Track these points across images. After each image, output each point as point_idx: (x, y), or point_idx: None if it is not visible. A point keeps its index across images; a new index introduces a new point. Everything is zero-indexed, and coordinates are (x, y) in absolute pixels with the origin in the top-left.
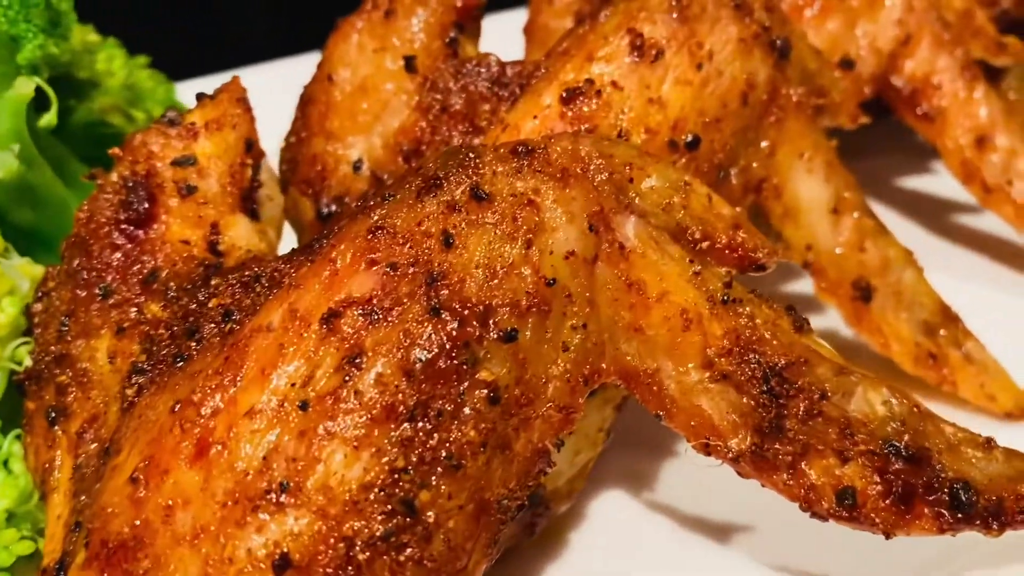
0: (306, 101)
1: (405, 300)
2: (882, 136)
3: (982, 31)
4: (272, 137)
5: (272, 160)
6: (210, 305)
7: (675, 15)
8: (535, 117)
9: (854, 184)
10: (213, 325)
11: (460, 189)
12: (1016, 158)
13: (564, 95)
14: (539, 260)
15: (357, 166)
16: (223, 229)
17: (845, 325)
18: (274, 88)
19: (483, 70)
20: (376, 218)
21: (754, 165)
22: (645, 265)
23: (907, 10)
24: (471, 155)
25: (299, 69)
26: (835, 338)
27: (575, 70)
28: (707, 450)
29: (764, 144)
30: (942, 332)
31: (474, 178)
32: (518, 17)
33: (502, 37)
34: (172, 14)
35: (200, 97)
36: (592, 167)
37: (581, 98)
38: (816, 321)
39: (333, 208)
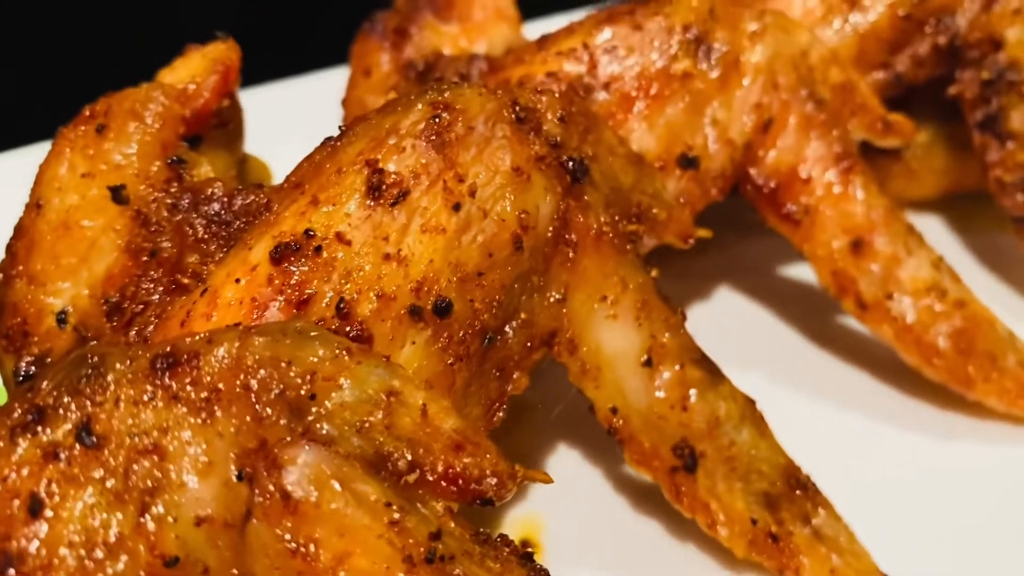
0: (17, 233)
1: None
2: None
3: (864, 107)
4: None
5: None
6: None
7: (430, 139)
8: (238, 280)
9: (677, 324)
10: None
11: (65, 427)
12: (898, 266)
13: (274, 252)
14: (157, 531)
15: (61, 319)
16: None
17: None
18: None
19: (203, 202)
20: None
21: (540, 318)
22: (320, 518)
23: (768, 89)
24: (95, 372)
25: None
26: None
27: (295, 216)
28: None
29: (553, 292)
30: (786, 505)
31: (88, 410)
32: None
33: None
34: None
35: None
36: (258, 382)
37: (294, 256)
38: None
39: (32, 370)
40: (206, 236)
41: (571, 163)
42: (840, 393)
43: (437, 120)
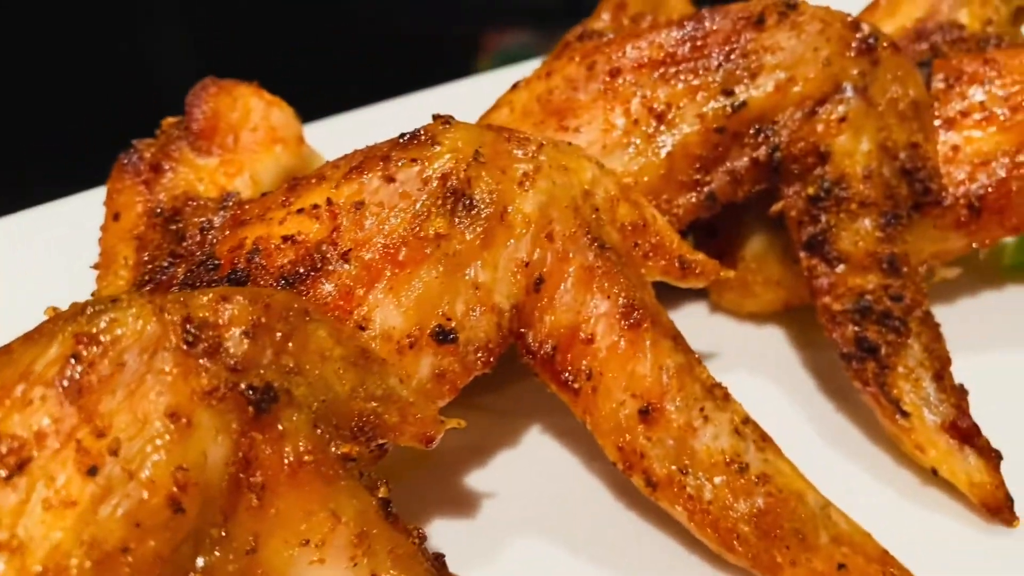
0: None
1: None
2: None
3: (660, 248)
4: None
5: None
6: None
7: (65, 386)
8: None
9: (409, 553)
10: None
11: None
12: (693, 436)
13: None
14: None
15: None
16: None
17: None
18: None
19: None
20: None
21: (229, 568)
22: None
23: (540, 242)
24: None
25: None
26: None
27: None
28: None
29: (240, 544)
30: None
31: None
32: None
33: None
34: None
35: None
36: None
37: None
38: None
39: None
40: None
41: (253, 391)
42: None
43: (77, 360)
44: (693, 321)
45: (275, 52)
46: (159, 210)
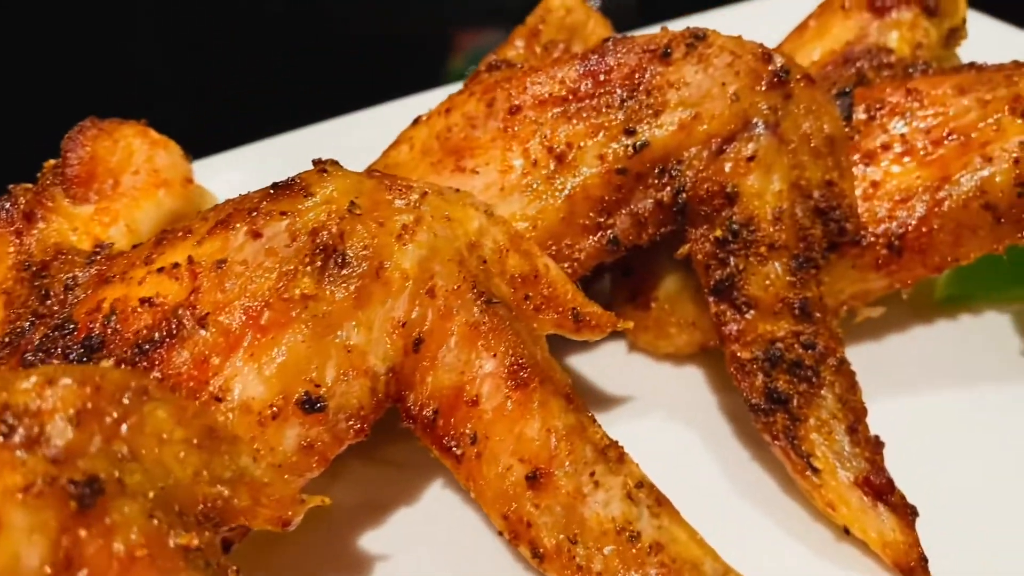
0: None
1: None
2: None
3: (552, 300)
4: None
5: None
6: None
7: None
8: None
9: None
10: None
11: None
12: (583, 503)
13: None
14: None
15: None
16: None
17: None
18: None
19: None
20: None
21: None
22: None
23: (420, 299)
24: None
25: None
26: None
27: None
28: None
29: None
30: None
31: None
32: None
33: None
34: None
35: None
36: None
37: None
38: None
39: None
40: None
41: (76, 485)
42: None
43: None
44: (611, 362)
45: (248, 58)
46: (27, 264)
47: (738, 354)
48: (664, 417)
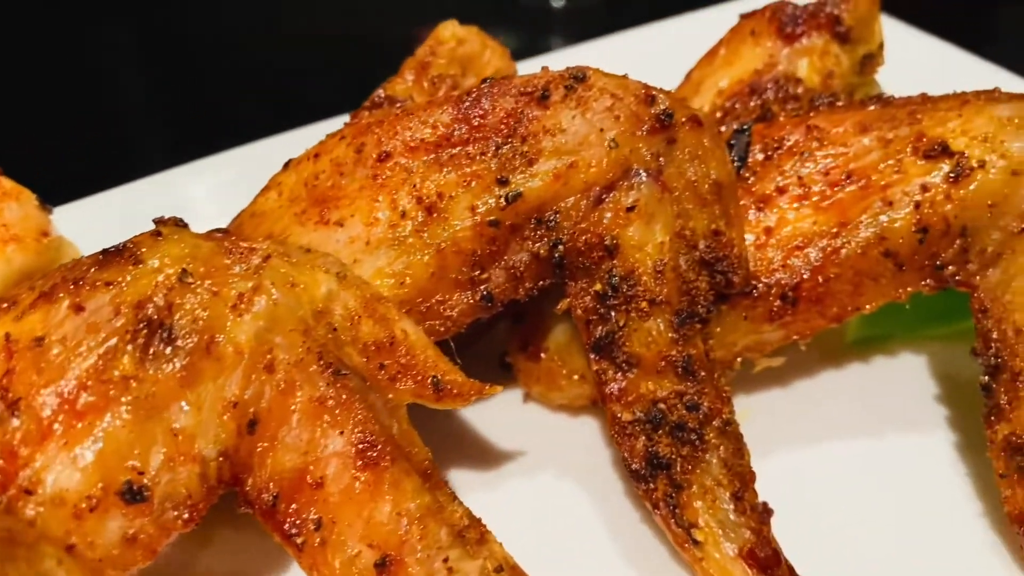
0: None
1: None
2: None
3: (410, 367)
4: None
5: None
6: None
7: None
8: None
9: None
10: None
11: None
12: None
13: None
14: None
15: None
16: None
17: None
18: None
19: None
20: None
21: None
22: None
23: (256, 374)
24: None
25: None
26: None
27: None
28: None
29: None
30: None
31: None
32: None
33: None
34: None
35: None
36: None
37: None
38: None
39: None
40: None
41: None
42: None
43: None
44: (505, 413)
45: (221, 63)
46: None
47: (619, 415)
48: (555, 474)
